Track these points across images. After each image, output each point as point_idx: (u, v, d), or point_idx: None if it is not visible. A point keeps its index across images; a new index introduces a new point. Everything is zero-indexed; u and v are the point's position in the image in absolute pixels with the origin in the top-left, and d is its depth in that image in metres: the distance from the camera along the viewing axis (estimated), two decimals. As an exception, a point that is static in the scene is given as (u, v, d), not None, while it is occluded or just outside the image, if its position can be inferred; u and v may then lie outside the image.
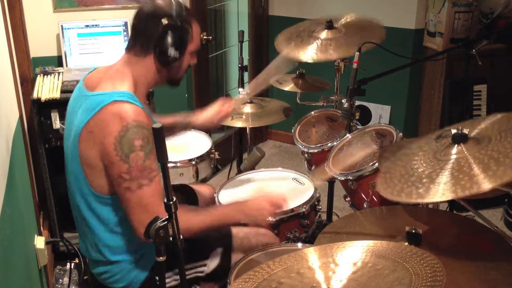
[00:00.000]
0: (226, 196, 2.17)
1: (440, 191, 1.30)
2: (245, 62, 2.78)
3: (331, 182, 2.61)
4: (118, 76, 1.65)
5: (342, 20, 2.53)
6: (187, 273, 1.82)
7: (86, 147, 1.58)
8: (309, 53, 2.37)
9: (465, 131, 1.41)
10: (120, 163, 1.53)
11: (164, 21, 1.62)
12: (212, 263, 1.85)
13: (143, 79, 1.69)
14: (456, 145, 1.40)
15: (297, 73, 2.76)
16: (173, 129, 2.10)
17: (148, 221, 1.48)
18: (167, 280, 1.77)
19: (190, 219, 1.65)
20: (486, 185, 1.23)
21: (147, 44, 1.66)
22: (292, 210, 2.02)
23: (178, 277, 1.39)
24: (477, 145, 1.38)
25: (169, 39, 1.63)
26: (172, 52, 1.65)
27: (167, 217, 1.25)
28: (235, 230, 1.91)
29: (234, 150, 3.01)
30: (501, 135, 1.37)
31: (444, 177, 1.33)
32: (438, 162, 1.40)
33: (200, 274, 1.85)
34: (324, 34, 2.44)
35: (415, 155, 1.50)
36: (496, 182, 1.23)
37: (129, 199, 1.56)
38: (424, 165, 1.42)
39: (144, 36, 1.66)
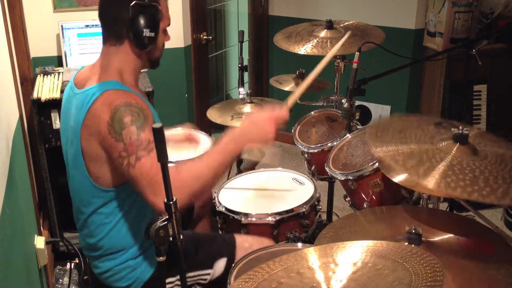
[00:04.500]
0: (226, 196, 2.17)
1: (421, 173, 1.36)
2: (245, 62, 2.78)
3: (331, 182, 2.61)
4: (102, 70, 1.65)
5: (342, 24, 2.56)
6: (189, 280, 1.82)
7: (86, 141, 1.59)
8: (307, 48, 2.38)
9: (466, 132, 1.43)
10: (116, 143, 1.52)
11: (132, 3, 1.57)
12: (216, 273, 1.85)
13: (126, 67, 1.66)
14: (452, 141, 1.43)
15: (297, 73, 2.76)
16: None
17: (158, 190, 1.47)
18: (169, 285, 1.77)
19: (194, 169, 1.56)
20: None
21: (119, 30, 1.62)
22: (292, 210, 2.02)
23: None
24: (469, 153, 1.40)
25: (141, 21, 1.59)
26: (146, 34, 1.60)
27: (167, 217, 1.25)
28: (239, 240, 1.91)
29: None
30: (497, 160, 1.40)
31: (436, 166, 1.38)
32: (432, 148, 1.45)
33: (203, 282, 1.86)
34: (323, 33, 2.46)
35: (413, 128, 1.55)
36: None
37: (133, 175, 1.53)
38: (417, 138, 1.47)
39: (114, 23, 1.62)
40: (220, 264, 1.85)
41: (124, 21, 1.60)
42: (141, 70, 1.76)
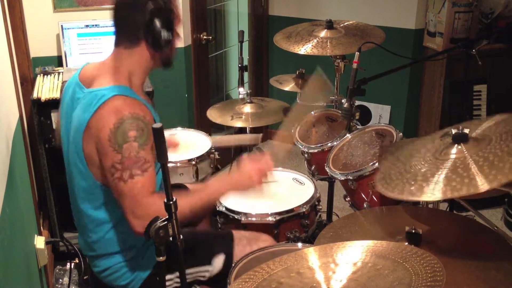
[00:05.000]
0: (226, 196, 2.17)
1: (431, 190, 1.31)
2: (245, 62, 2.78)
3: (331, 182, 2.61)
4: (112, 72, 1.64)
5: (342, 24, 2.56)
6: (189, 276, 1.82)
7: (86, 142, 1.59)
8: (307, 48, 2.39)
9: (466, 130, 1.42)
10: (113, 153, 1.52)
11: (149, 6, 1.58)
12: (215, 269, 1.85)
13: (138, 69, 1.67)
14: (456, 145, 1.41)
15: (297, 73, 2.76)
16: None
17: (140, 212, 1.50)
18: (169, 282, 1.77)
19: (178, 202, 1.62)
20: (482, 187, 1.23)
21: (135, 33, 1.62)
22: (292, 210, 2.02)
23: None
24: (477, 145, 1.38)
25: (158, 23, 1.59)
26: (164, 35, 1.61)
27: (167, 217, 1.25)
28: (236, 236, 1.91)
29: (234, 150, 3.01)
30: (502, 137, 1.38)
31: (439, 177, 1.33)
32: (436, 161, 1.41)
33: (202, 279, 1.86)
34: (323, 33, 2.46)
35: (417, 153, 1.51)
36: (489, 185, 1.24)
37: (121, 189, 1.54)
38: (423, 163, 1.43)
39: (130, 25, 1.62)
40: (219, 260, 1.85)
41: (141, 24, 1.60)
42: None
